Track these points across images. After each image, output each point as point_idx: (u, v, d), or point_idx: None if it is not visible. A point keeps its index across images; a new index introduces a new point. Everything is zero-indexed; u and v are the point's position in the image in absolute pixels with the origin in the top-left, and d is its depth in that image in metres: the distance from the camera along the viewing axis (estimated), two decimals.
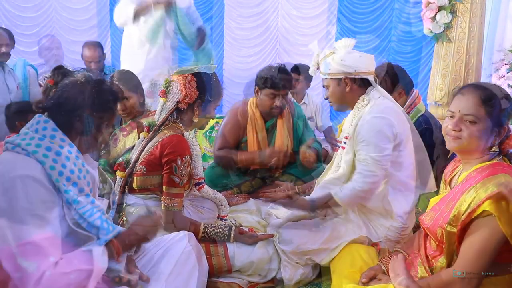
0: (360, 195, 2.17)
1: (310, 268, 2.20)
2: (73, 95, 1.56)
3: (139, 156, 2.18)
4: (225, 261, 2.13)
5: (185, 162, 2.09)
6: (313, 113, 4.39)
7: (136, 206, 2.18)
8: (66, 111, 1.55)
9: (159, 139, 2.13)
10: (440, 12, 3.52)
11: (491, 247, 1.46)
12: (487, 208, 1.44)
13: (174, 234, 1.87)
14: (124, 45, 4.05)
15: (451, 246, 1.57)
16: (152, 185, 2.16)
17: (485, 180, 1.49)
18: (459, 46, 3.52)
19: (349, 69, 2.21)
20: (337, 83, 2.26)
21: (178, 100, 2.14)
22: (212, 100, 2.19)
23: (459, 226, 1.51)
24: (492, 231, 1.45)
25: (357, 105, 2.26)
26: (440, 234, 1.58)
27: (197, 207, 2.28)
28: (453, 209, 1.53)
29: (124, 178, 2.18)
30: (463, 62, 3.52)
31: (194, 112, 2.17)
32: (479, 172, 1.54)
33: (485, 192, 1.45)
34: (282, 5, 6.73)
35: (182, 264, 1.76)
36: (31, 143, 1.47)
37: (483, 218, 1.46)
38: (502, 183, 1.44)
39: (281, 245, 2.19)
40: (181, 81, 2.13)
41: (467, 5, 3.46)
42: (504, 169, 1.52)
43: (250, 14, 6.84)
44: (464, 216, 1.49)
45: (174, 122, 2.20)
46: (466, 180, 1.58)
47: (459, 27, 3.52)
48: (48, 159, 1.46)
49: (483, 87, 1.59)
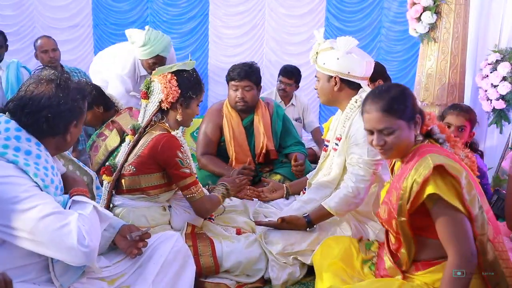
0: (352, 201, 2.18)
1: (298, 268, 2.20)
2: (37, 96, 1.48)
3: (127, 159, 2.15)
4: (213, 261, 2.11)
5: (184, 152, 2.12)
6: (301, 114, 4.40)
7: (124, 207, 2.16)
8: (31, 112, 1.47)
9: (148, 139, 2.11)
10: (425, 13, 3.55)
11: (461, 221, 1.52)
12: (431, 191, 1.51)
13: (161, 233, 1.86)
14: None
15: (407, 235, 1.62)
16: (142, 185, 2.13)
17: (416, 165, 1.56)
18: (444, 46, 3.55)
19: (343, 69, 2.20)
20: (327, 79, 2.26)
21: (160, 100, 2.12)
22: (194, 96, 2.18)
23: (407, 215, 1.58)
24: (452, 209, 1.52)
25: (349, 106, 2.26)
26: (396, 226, 1.63)
27: (184, 208, 2.26)
28: (398, 200, 1.59)
29: (112, 182, 2.15)
30: (447, 62, 3.55)
31: (178, 110, 2.16)
32: (410, 157, 1.63)
33: (420, 176, 1.52)
34: (269, 3, 6.65)
35: (170, 264, 1.75)
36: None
37: (437, 204, 1.52)
38: (430, 163, 1.52)
39: (268, 246, 2.18)
40: (162, 81, 2.11)
41: (452, 6, 3.50)
42: (430, 150, 1.61)
43: (235, 12, 6.76)
44: (409, 205, 1.56)
45: (159, 122, 2.18)
46: (401, 168, 1.67)
47: (444, 28, 3.55)
48: (20, 159, 1.42)
49: (381, 97, 1.65)
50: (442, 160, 1.53)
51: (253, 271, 2.17)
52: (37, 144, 1.49)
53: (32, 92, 1.49)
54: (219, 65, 6.73)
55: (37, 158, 1.46)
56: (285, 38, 6.66)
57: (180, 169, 2.08)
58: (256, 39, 6.79)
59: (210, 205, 2.20)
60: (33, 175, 1.42)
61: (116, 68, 3.75)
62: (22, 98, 1.49)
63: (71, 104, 1.53)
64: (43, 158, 1.49)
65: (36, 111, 1.47)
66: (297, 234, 2.21)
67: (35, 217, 1.36)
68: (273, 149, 3.11)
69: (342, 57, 2.19)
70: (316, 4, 6.52)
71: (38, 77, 1.53)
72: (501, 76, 3.43)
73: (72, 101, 1.53)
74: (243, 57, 6.32)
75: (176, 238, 1.83)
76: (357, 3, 6.39)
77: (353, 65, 2.20)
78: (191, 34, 6.97)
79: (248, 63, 3.08)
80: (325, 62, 2.23)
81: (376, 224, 2.26)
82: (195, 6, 6.89)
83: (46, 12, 6.91)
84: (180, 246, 1.81)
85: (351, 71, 2.20)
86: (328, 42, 2.27)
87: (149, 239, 1.77)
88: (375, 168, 2.16)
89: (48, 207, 1.39)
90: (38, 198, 1.39)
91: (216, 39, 6.90)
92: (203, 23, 6.94)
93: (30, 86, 1.51)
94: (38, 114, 1.47)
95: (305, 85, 5.58)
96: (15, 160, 1.41)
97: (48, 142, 1.53)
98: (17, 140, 1.45)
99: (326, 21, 6.49)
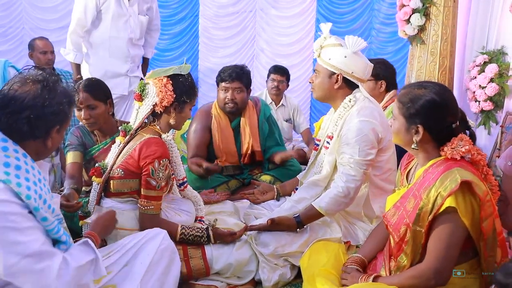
0: (342, 201, 2.18)
1: (288, 269, 2.20)
2: (20, 95, 1.41)
3: (116, 161, 2.13)
4: (203, 263, 2.11)
5: (162, 165, 2.05)
6: (291, 115, 4.41)
7: (113, 209, 2.12)
8: (12, 112, 1.41)
9: (137, 142, 2.09)
10: (414, 15, 3.59)
11: (457, 239, 1.54)
12: (449, 204, 1.50)
13: (147, 231, 1.85)
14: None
15: (417, 244, 1.61)
16: (130, 189, 2.12)
17: (442, 177, 1.55)
18: (433, 48, 3.59)
19: (348, 68, 2.20)
20: (329, 75, 2.25)
21: (154, 104, 2.11)
22: (188, 101, 2.17)
23: (426, 226, 1.56)
24: (456, 224, 1.52)
25: (343, 104, 2.26)
26: (404, 232, 1.61)
27: (175, 210, 2.25)
28: (417, 209, 1.57)
29: (101, 184, 2.14)
30: (436, 64, 3.60)
31: (171, 114, 2.14)
32: (435, 168, 1.61)
33: (445, 190, 1.51)
34: (260, 4, 6.68)
35: (157, 262, 1.74)
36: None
37: (447, 214, 1.53)
38: (458, 177, 1.51)
39: (259, 248, 2.18)
40: (157, 84, 2.09)
41: (440, 8, 3.54)
42: (457, 164, 1.58)
43: (226, 13, 6.77)
44: (431, 216, 1.55)
45: (150, 124, 2.17)
46: (423, 177, 1.63)
47: (433, 30, 3.59)
48: (11, 177, 1.37)
49: (407, 88, 1.71)
50: (469, 177, 1.51)
51: (244, 273, 2.16)
52: (24, 155, 1.44)
53: (15, 91, 1.42)
54: (209, 66, 6.73)
55: (26, 173, 1.41)
56: (275, 39, 6.70)
57: (148, 177, 2.04)
58: (247, 40, 6.81)
59: (155, 226, 2.00)
60: (25, 197, 1.37)
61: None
62: (4, 97, 1.41)
63: (56, 107, 1.45)
64: (31, 172, 1.44)
65: (17, 111, 1.40)
66: (288, 235, 2.21)
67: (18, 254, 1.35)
68: (259, 150, 3.09)
69: (349, 56, 2.19)
70: (306, 5, 6.56)
71: (24, 76, 1.46)
72: (489, 78, 3.47)
73: (58, 104, 1.46)
74: (234, 58, 6.33)
75: (163, 236, 1.82)
76: (347, 5, 6.44)
77: (358, 66, 2.21)
78: (181, 35, 6.98)
79: (239, 66, 3.07)
80: (331, 57, 2.21)
81: (365, 225, 2.27)
82: (185, 7, 6.90)
83: (34, 13, 6.85)
84: (166, 244, 1.81)
85: (354, 72, 2.21)
86: (334, 38, 2.26)
87: (135, 237, 1.78)
88: (366, 168, 2.17)
89: (32, 246, 1.37)
90: (24, 234, 1.36)
91: (206, 40, 6.90)
92: (193, 24, 6.94)
93: (14, 85, 1.43)
94: (19, 114, 1.40)
95: (296, 86, 5.60)
96: (7, 179, 1.36)
97: (28, 145, 1.47)
98: (4, 151, 1.40)
99: (317, 22, 6.52)
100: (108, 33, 3.66)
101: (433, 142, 1.64)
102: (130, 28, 3.71)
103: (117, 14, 3.65)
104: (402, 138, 1.69)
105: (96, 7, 3.59)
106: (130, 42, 3.75)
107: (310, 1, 6.54)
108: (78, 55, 3.71)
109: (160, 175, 2.05)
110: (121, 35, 3.68)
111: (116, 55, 3.71)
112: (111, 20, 3.64)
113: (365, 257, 1.86)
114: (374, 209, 2.26)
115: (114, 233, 2.04)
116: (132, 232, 1.98)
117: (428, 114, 1.61)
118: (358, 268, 1.81)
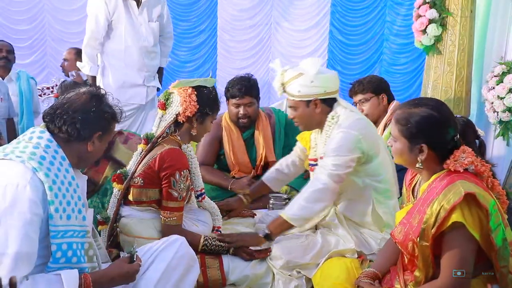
0: (311, 207, 2.13)
1: (303, 281, 2.18)
2: (74, 100, 1.60)
3: (137, 168, 2.17)
4: (220, 274, 2.12)
5: (183, 176, 2.09)
6: None
7: (131, 217, 2.18)
8: (62, 113, 1.57)
9: (157, 152, 2.13)
10: (430, 25, 3.58)
11: (470, 255, 1.52)
12: (456, 219, 1.49)
13: (165, 238, 1.86)
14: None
15: (426, 259, 1.59)
16: (149, 198, 2.15)
17: (445, 190, 1.53)
18: (450, 58, 3.57)
19: (319, 90, 2.19)
20: (305, 105, 2.22)
21: (177, 113, 2.15)
22: (211, 113, 2.21)
23: (430, 240, 1.55)
24: (465, 238, 1.51)
25: (327, 123, 2.24)
26: (412, 248, 1.61)
27: (193, 220, 2.28)
28: (421, 223, 1.56)
29: (122, 190, 2.17)
30: (453, 74, 3.57)
31: (193, 125, 2.18)
32: (438, 182, 1.60)
33: (448, 203, 1.50)
34: (275, 18, 6.82)
35: (173, 269, 1.75)
36: (25, 151, 1.49)
37: (455, 230, 1.51)
38: (461, 190, 1.50)
39: (272, 261, 2.16)
40: (182, 94, 2.14)
41: (457, 18, 3.53)
42: (460, 176, 1.57)
43: (243, 26, 6.93)
44: (434, 229, 1.53)
45: (171, 134, 2.20)
46: (428, 191, 1.62)
47: (449, 40, 3.57)
48: (43, 167, 1.47)
49: (402, 107, 1.69)
50: (472, 189, 1.50)
51: (259, 285, 2.16)
52: (62, 158, 1.55)
53: (69, 98, 1.62)
54: (228, 77, 6.81)
55: (58, 171, 1.51)
56: (290, 51, 6.81)
57: (169, 189, 2.07)
58: (263, 52, 6.95)
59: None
60: (48, 188, 1.46)
61: None
62: (59, 103, 1.62)
63: (101, 114, 1.63)
64: (63, 173, 1.53)
65: (67, 112, 1.57)
66: (299, 247, 2.19)
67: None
68: (274, 160, 3.02)
69: (314, 79, 2.16)
70: (320, 18, 6.67)
71: (80, 90, 1.66)
72: (508, 88, 3.43)
73: (103, 112, 1.63)
74: (251, 70, 6.43)
75: (180, 242, 1.82)
76: (360, 17, 6.50)
77: (326, 83, 2.19)
78: (200, 47, 7.16)
79: (246, 77, 3.01)
80: (300, 89, 2.18)
81: (376, 234, 2.23)
82: (204, 20, 7.10)
83: (58, 26, 7.08)
84: (184, 251, 1.81)
85: (327, 88, 2.19)
86: (292, 70, 2.23)
87: (153, 244, 1.81)
88: (339, 178, 2.12)
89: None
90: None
91: (224, 52, 7.06)
92: (212, 36, 7.11)
93: (70, 94, 1.64)
94: (69, 115, 1.57)
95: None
96: (38, 167, 1.47)
97: (71, 148, 1.59)
98: (46, 148, 1.53)
99: (330, 34, 6.62)
100: (123, 43, 3.68)
101: (437, 158, 1.63)
102: (142, 37, 3.70)
103: (129, 24, 3.66)
104: (406, 159, 1.67)
105: (107, 19, 3.61)
106: (144, 51, 3.74)
107: (324, 14, 6.63)
108: (93, 68, 3.73)
109: (182, 186, 2.08)
110: (135, 44, 3.69)
111: (132, 65, 3.72)
112: (124, 30, 3.65)
113: (378, 271, 1.85)
114: (382, 216, 2.23)
115: (131, 242, 2.07)
116: (150, 241, 2.00)
117: (430, 131, 1.60)
118: (371, 282, 1.80)
